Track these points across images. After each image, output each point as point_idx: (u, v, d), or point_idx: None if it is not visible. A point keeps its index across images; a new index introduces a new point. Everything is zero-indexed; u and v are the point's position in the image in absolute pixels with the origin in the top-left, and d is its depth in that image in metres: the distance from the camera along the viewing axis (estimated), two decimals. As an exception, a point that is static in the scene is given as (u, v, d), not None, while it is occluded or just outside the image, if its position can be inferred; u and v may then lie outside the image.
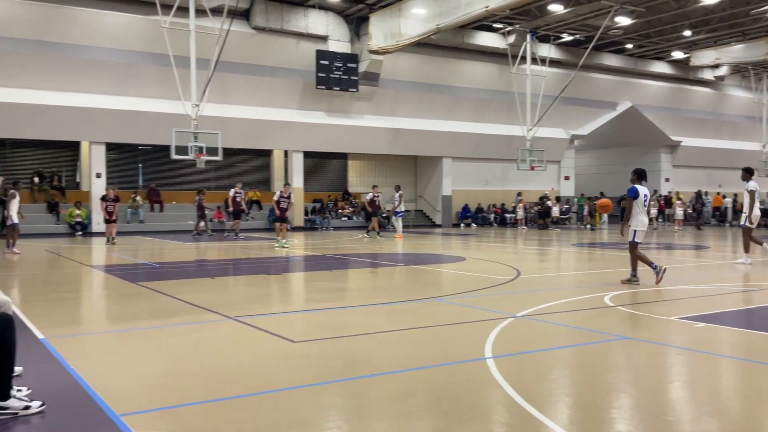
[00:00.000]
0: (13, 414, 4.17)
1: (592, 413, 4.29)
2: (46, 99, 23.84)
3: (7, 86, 23.33)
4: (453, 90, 32.08)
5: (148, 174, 29.28)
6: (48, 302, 9.06)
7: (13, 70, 23.17)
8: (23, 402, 4.24)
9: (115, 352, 6.11)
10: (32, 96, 23.64)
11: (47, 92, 23.97)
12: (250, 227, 27.78)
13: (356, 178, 34.35)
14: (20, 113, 23.45)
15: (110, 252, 17.56)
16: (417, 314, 7.94)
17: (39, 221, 25.60)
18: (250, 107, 27.60)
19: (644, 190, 10.32)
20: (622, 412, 4.35)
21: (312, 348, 6.13)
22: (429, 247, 19.90)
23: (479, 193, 34.77)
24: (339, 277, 12.24)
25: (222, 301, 8.84)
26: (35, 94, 23.73)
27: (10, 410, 4.17)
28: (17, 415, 4.17)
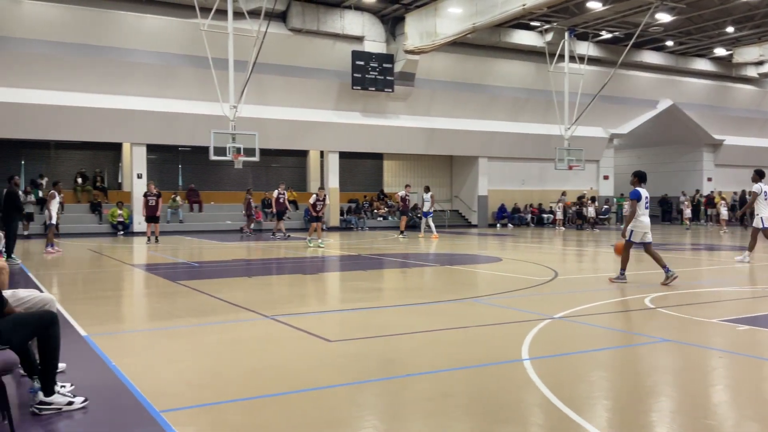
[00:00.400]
0: (57, 409, 4.28)
1: (630, 416, 4.22)
2: (89, 101, 24.39)
3: (51, 89, 23.93)
4: (489, 89, 31.86)
5: (187, 175, 29.75)
6: (91, 300, 9.27)
7: (56, 73, 23.76)
8: (67, 398, 4.35)
9: (156, 349, 6.22)
10: (75, 98, 24.21)
11: (90, 95, 24.51)
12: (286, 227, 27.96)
13: (392, 178, 34.36)
14: (64, 115, 24.04)
15: (151, 251, 17.89)
16: (453, 315, 7.91)
17: (82, 221, 26.21)
18: (287, 108, 27.84)
19: (645, 192, 10.63)
20: (662, 416, 4.27)
21: (348, 347, 6.16)
22: (465, 247, 19.80)
23: (516, 193, 34.46)
24: (374, 277, 12.27)
25: (259, 300, 8.94)
26: (78, 96, 24.30)
27: (55, 406, 4.29)
28: (61, 410, 4.28)
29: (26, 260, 15.14)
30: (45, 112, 23.67)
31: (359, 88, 28.18)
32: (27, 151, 26.91)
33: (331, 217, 29.85)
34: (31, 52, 23.08)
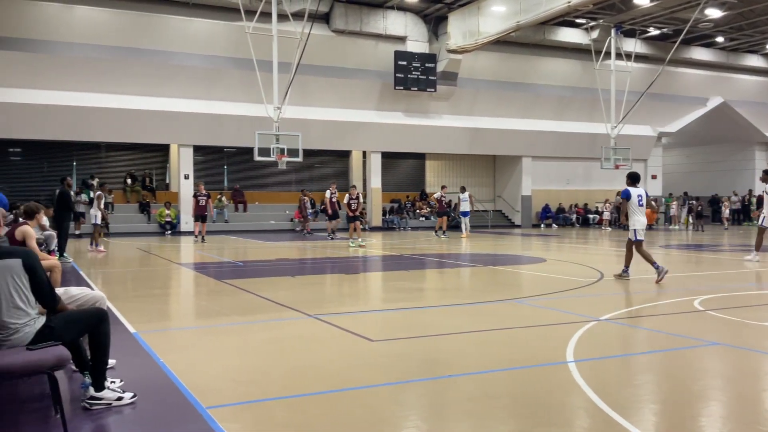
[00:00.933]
0: (107, 404, 4.39)
1: (679, 421, 4.12)
2: (138, 104, 24.98)
3: (101, 92, 24.56)
4: (533, 88, 31.51)
5: (232, 175, 30.21)
6: (139, 298, 9.50)
7: (106, 77, 24.38)
8: (117, 393, 4.46)
9: (202, 346, 6.34)
10: (124, 101, 24.82)
11: (138, 97, 25.10)
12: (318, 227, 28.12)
13: (434, 178, 34.26)
14: (114, 118, 24.66)
15: (198, 250, 18.22)
16: (496, 315, 7.85)
17: (131, 221, 26.86)
18: (330, 109, 28.02)
19: (638, 191, 11.09)
20: (711, 421, 4.16)
21: (391, 347, 6.17)
22: (508, 247, 19.63)
23: (560, 192, 34.00)
24: (416, 277, 12.26)
25: (302, 299, 9.02)
26: (127, 99, 24.90)
27: (105, 401, 4.40)
28: (111, 405, 4.39)
29: (77, 259, 15.60)
30: (95, 114, 24.33)
31: (402, 88, 28.18)
32: (79, 152, 27.70)
33: (373, 217, 29.94)
34: (82, 56, 23.75)
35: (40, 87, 23.55)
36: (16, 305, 4.16)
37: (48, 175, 26.22)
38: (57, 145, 26.53)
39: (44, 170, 26.81)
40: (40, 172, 26.76)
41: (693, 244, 20.61)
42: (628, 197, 11.01)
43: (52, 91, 23.74)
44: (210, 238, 23.61)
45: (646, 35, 31.54)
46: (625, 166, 30.45)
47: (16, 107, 23.11)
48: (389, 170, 31.99)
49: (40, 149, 26.54)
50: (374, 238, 23.60)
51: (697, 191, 35.64)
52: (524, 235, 26.42)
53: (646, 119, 33.67)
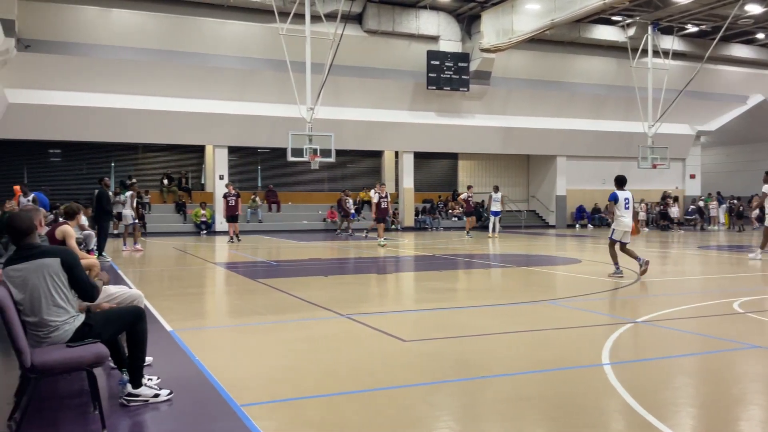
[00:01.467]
0: (144, 401, 4.48)
1: (718, 425, 4.04)
2: (174, 105, 25.37)
3: (138, 94, 24.99)
4: (568, 86, 31.16)
5: (266, 175, 30.49)
6: (176, 297, 9.64)
7: (143, 79, 24.80)
8: (153, 390, 4.54)
9: (236, 344, 6.42)
10: (161, 103, 25.23)
11: (174, 99, 25.48)
12: (361, 227, 28.26)
13: (467, 178, 34.08)
14: (150, 119, 25.09)
15: (232, 250, 18.44)
16: (530, 317, 7.79)
17: (168, 221, 27.29)
18: (362, 109, 28.09)
19: (625, 194, 11.69)
20: (751, 426, 4.06)
21: (423, 347, 6.16)
22: (542, 248, 19.46)
23: (596, 192, 33.56)
24: (449, 277, 12.22)
25: (335, 299, 9.06)
26: (164, 101, 25.31)
27: (142, 397, 4.48)
28: (148, 402, 4.48)
29: (115, 258, 15.90)
30: (133, 116, 24.77)
31: (434, 88, 28.11)
32: (116, 153, 28.23)
33: (405, 217, 29.92)
34: (120, 58, 24.21)
35: (80, 89, 24.05)
36: (56, 303, 4.25)
37: (87, 176, 26.79)
38: (96, 147, 27.08)
39: (83, 171, 27.39)
40: (79, 173, 27.35)
41: (732, 245, 20.15)
42: (615, 200, 11.65)
43: (90, 94, 24.22)
44: (243, 237, 23.86)
45: (683, 32, 30.94)
46: (663, 166, 29.95)
47: (56, 109, 23.66)
48: (421, 170, 31.95)
49: (79, 150, 27.13)
50: (406, 239, 23.59)
51: (738, 191, 34.82)
52: (558, 235, 26.15)
53: (684, 118, 33.04)
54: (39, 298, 4.21)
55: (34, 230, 4.36)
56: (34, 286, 4.20)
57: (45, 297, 4.22)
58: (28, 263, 4.22)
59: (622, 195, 11.68)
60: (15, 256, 4.30)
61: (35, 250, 4.28)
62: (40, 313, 4.22)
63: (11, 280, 4.20)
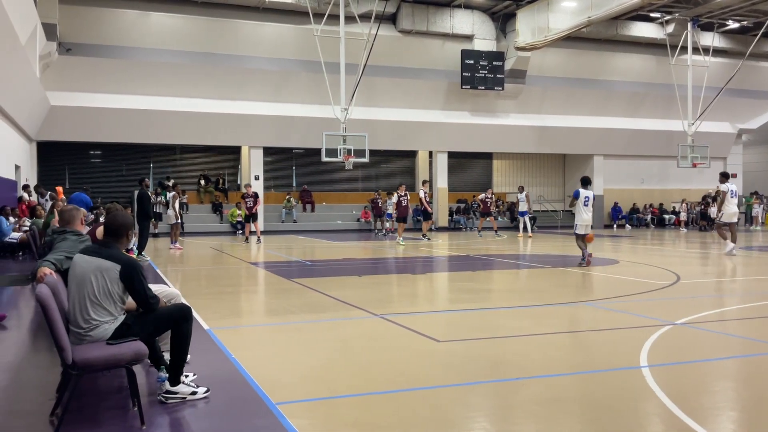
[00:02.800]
0: (182, 398, 4.55)
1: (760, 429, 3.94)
2: (210, 107, 25.72)
3: (176, 96, 25.42)
4: (605, 84, 30.73)
5: (300, 176, 30.71)
6: (212, 295, 9.78)
7: (181, 81, 25.20)
8: (191, 388, 4.61)
9: (272, 343, 6.48)
10: (198, 104, 25.61)
11: (211, 101, 25.84)
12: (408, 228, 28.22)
13: (501, 178, 33.88)
14: (188, 121, 25.50)
15: (268, 249, 18.61)
16: (566, 318, 7.71)
17: (205, 221, 27.69)
18: (396, 109, 28.11)
19: (587, 193, 13.18)
20: (797, 433, 3.96)
21: (457, 348, 6.15)
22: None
23: (634, 192, 33.04)
24: (483, 277, 12.17)
25: (368, 299, 9.10)
26: (201, 102, 25.69)
27: (180, 395, 4.56)
28: (185, 399, 4.55)
29: (155, 258, 16.20)
30: (171, 117, 25.21)
31: (468, 88, 27.99)
32: (155, 154, 28.74)
33: (439, 218, 29.86)
34: (158, 61, 24.65)
35: (119, 92, 24.53)
36: (101, 305, 4.35)
37: (126, 177, 27.34)
38: (135, 148, 27.59)
39: (123, 172, 27.94)
40: (119, 174, 27.90)
41: (777, 246, 19.63)
42: (576, 197, 13.18)
43: (129, 96, 24.70)
44: (278, 238, 24.09)
45: (724, 29, 30.25)
46: (703, 165, 29.34)
47: (97, 111, 24.19)
48: (456, 170, 31.83)
49: (119, 152, 27.68)
50: (440, 239, 23.55)
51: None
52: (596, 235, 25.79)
53: (725, 116, 32.30)
54: (86, 296, 4.33)
55: (121, 235, 4.53)
56: (87, 282, 4.33)
57: (92, 296, 4.33)
58: (93, 259, 4.37)
59: (583, 193, 13.21)
60: (91, 248, 4.51)
61: (105, 251, 4.42)
62: (84, 309, 4.33)
63: (73, 268, 4.40)
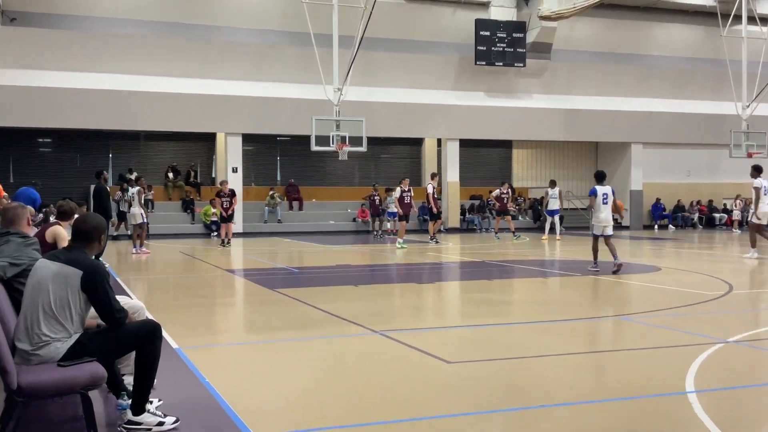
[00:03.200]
0: (147, 429, 4.52)
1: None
2: (180, 87, 25.65)
3: (139, 74, 25.22)
4: (644, 60, 30.70)
5: (286, 168, 30.69)
6: (183, 308, 9.78)
7: (146, 56, 25.10)
8: (157, 417, 4.57)
9: (252, 365, 6.48)
10: (165, 84, 25.54)
11: (181, 79, 25.75)
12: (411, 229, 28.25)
13: (522, 170, 33.85)
14: (154, 103, 25.41)
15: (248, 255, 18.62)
16: (598, 335, 7.71)
17: (173, 220, 27.66)
18: (399, 89, 28.07)
19: (604, 189, 13.53)
20: None
21: (470, 370, 6.15)
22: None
23: (679, 186, 33.02)
24: (502, 287, 12.17)
25: (366, 312, 9.09)
26: (168, 81, 25.61)
27: (144, 426, 4.52)
28: (151, 430, 4.53)
29: (118, 263, 16.19)
30: (134, 99, 25.14)
31: (484, 64, 27.97)
32: (115, 143, 28.74)
33: (449, 217, 29.85)
34: (119, 32, 24.61)
35: (73, 69, 24.41)
36: (55, 317, 4.35)
37: (82, 169, 27.31)
38: (91, 135, 27.58)
39: (77, 163, 27.95)
40: (73, 166, 27.90)
41: None
42: (594, 194, 13.46)
43: (85, 74, 24.55)
44: (261, 240, 24.08)
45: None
46: (760, 154, 29.31)
47: (46, 92, 24.10)
48: (469, 161, 31.82)
49: (73, 139, 27.66)
50: (451, 241, 23.54)
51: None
52: (633, 238, 25.79)
53: (787, 96, 32.30)
54: (39, 307, 4.34)
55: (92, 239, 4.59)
56: (43, 291, 4.34)
57: (46, 307, 4.33)
58: (54, 264, 4.40)
59: (601, 190, 13.49)
60: (55, 253, 4.58)
61: (67, 255, 4.45)
62: (35, 322, 4.33)
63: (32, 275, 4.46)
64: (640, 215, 32.24)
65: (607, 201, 13.51)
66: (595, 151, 34.45)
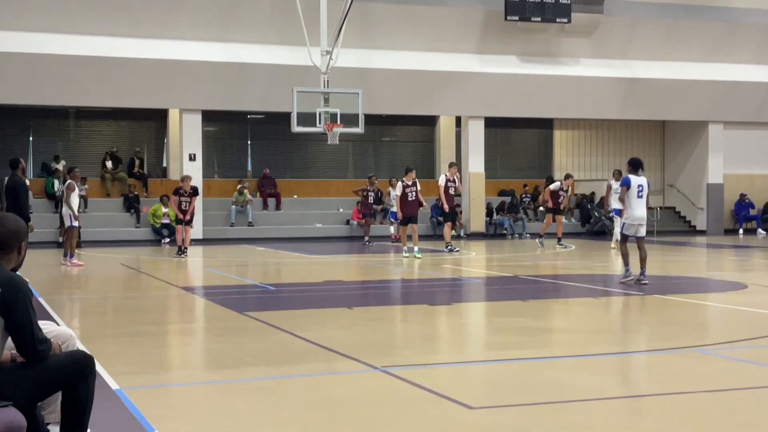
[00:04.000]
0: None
1: None
2: (122, 50, 25.60)
3: (68, 32, 25.14)
4: (726, 14, 30.70)
5: (259, 155, 30.67)
6: (125, 338, 9.77)
7: (78, 11, 25.05)
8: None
9: (216, 411, 6.48)
10: (103, 46, 25.47)
11: (122, 40, 25.68)
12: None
13: (566, 158, 33.83)
14: (87, 71, 25.33)
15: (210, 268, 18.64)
16: (666, 373, 7.72)
17: (112, 222, 27.64)
18: (405, 52, 28.02)
19: (639, 180, 14.06)
20: None
21: (499, 418, 6.16)
22: (685, 266, 19.23)
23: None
24: (539, 310, 12.18)
25: (364, 343, 9.10)
26: (106, 42, 25.53)
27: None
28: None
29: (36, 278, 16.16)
30: (61, 65, 25.09)
31: (516, 19, 27.97)
32: (36, 122, 28.75)
33: (472, 218, 29.82)
34: (43, -20, 24.62)
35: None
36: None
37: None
38: (4, 112, 27.59)
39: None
40: (-19, 152, 27.94)
41: None
42: (628, 185, 14.03)
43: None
44: (226, 249, 24.07)
45: None
46: None
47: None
48: (497, 146, 31.83)
49: (-19, 118, 27.69)
50: (474, 250, 23.54)
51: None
52: (711, 246, 25.80)
53: None
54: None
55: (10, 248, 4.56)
56: None
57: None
58: None
59: (635, 181, 14.02)
60: None
61: None
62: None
63: None
64: (719, 216, 32.21)
65: (642, 195, 14.04)
66: (661, 133, 34.46)
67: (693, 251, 23.63)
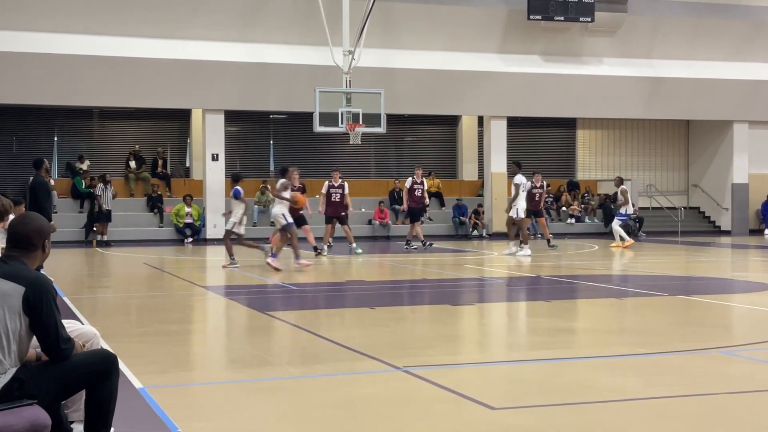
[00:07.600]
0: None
1: None
2: (146, 51, 25.71)
3: (93, 33, 25.24)
4: (751, 12, 30.49)
5: (281, 155, 30.71)
6: (148, 337, 9.82)
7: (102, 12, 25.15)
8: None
9: (239, 411, 6.50)
10: (126, 47, 25.57)
11: (147, 41, 25.79)
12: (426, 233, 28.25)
13: (589, 158, 33.72)
14: (111, 71, 25.45)
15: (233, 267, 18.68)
16: (690, 374, 7.69)
17: (136, 222, 27.78)
18: (427, 52, 27.99)
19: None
20: None
21: (522, 419, 6.15)
22: (710, 267, 19.15)
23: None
24: (563, 310, 12.16)
25: (386, 343, 9.12)
26: (131, 44, 25.64)
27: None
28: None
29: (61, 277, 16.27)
30: (86, 66, 25.21)
31: (539, 18, 27.89)
32: (61, 123, 28.91)
33: (494, 219, 29.73)
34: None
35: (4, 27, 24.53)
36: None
37: (18, 156, 27.49)
38: (30, 113, 27.77)
39: (12, 149, 28.13)
40: (8, 152, 28.10)
41: None
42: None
43: (20, 33, 24.64)
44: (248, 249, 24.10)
45: None
46: None
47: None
48: (519, 146, 31.74)
49: (7, 118, 27.85)
50: (495, 250, 23.49)
51: None
52: (736, 246, 25.65)
53: None
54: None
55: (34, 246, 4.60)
56: None
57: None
58: None
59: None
60: None
61: (5, 268, 4.44)
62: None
63: None
64: (744, 217, 32.01)
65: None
66: (685, 133, 34.29)
67: (717, 252, 23.49)
